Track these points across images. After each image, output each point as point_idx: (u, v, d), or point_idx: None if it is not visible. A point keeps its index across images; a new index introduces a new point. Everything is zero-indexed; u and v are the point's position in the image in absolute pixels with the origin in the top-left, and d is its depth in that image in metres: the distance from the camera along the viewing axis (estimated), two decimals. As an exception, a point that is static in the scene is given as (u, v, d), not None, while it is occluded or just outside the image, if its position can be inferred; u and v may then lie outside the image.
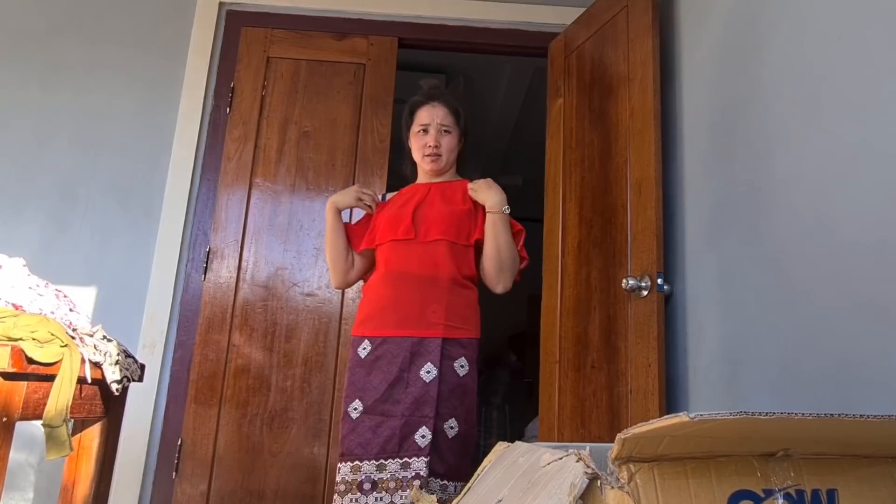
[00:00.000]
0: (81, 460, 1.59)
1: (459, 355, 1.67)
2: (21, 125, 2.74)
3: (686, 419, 0.70)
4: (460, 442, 1.61)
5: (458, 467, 1.60)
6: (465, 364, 1.67)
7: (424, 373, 1.63)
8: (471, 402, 1.66)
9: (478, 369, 1.72)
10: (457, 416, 1.62)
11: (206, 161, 2.75)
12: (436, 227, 1.77)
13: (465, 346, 1.69)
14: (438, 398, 1.60)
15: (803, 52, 1.54)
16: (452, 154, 1.91)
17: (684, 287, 2.04)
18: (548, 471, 0.88)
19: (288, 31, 2.89)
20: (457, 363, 1.66)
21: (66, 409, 1.28)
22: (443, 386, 1.62)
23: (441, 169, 1.91)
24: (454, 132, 1.90)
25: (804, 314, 1.46)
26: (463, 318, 1.72)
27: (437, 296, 1.70)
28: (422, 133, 1.88)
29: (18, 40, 2.82)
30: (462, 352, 1.68)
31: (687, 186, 2.10)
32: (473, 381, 1.68)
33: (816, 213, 1.44)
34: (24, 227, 2.64)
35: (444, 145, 1.88)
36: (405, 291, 1.72)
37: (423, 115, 1.89)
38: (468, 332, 1.72)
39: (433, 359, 1.63)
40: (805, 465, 0.86)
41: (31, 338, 1.26)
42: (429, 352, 1.65)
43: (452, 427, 1.61)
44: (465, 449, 1.63)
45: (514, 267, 1.78)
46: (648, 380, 1.95)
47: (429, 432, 1.56)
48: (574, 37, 2.70)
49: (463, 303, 1.73)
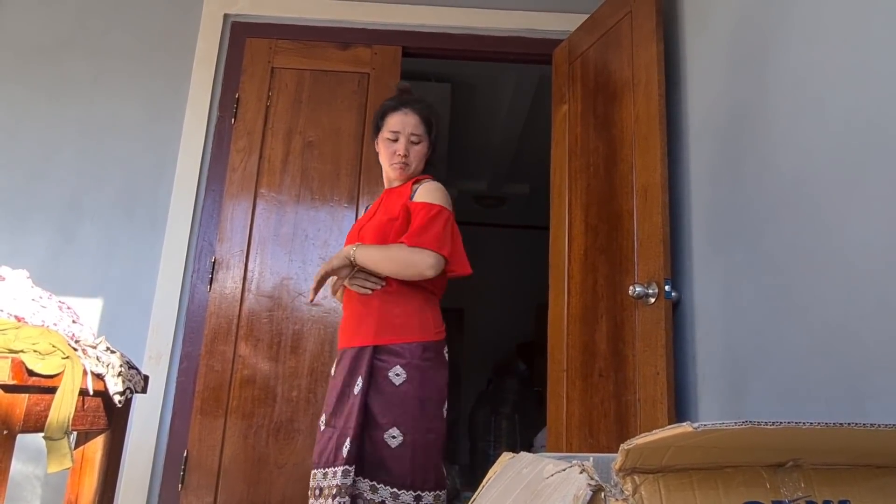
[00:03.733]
0: (85, 472, 1.58)
1: (394, 364, 1.65)
2: (28, 138, 2.76)
3: (690, 429, 0.69)
4: (409, 449, 1.59)
5: (409, 475, 1.58)
6: (400, 372, 1.64)
7: (356, 385, 1.66)
8: (415, 408, 1.62)
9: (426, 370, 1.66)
10: (399, 425, 1.60)
11: (211, 172, 2.75)
12: (367, 240, 1.79)
13: (400, 354, 1.66)
14: (375, 409, 1.62)
15: (809, 55, 1.53)
16: (421, 162, 1.90)
17: (692, 294, 2.02)
18: (551, 483, 0.86)
19: (292, 42, 2.90)
20: (391, 372, 1.64)
21: (67, 422, 1.28)
22: (377, 396, 1.63)
23: (408, 176, 1.90)
24: (424, 141, 1.89)
25: (814, 320, 1.43)
26: (396, 326, 1.69)
27: (369, 307, 1.73)
28: (391, 140, 1.88)
29: (26, 55, 2.85)
30: (396, 360, 1.65)
31: (693, 192, 2.08)
32: (418, 388, 1.64)
33: (825, 217, 1.42)
34: (31, 239, 2.65)
35: (412, 154, 1.87)
36: (349, 306, 1.79)
37: (393, 121, 1.89)
38: (403, 337, 1.67)
39: (363, 371, 1.65)
40: (816, 475, 0.84)
41: (33, 350, 1.26)
42: (362, 364, 1.67)
43: (395, 436, 1.60)
44: (419, 456, 1.60)
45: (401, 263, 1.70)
46: (657, 388, 1.93)
47: (349, 442, 1.59)
48: (578, 43, 2.70)
49: (398, 311, 1.71)
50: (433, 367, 1.68)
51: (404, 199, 1.82)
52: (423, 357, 1.66)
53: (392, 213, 1.80)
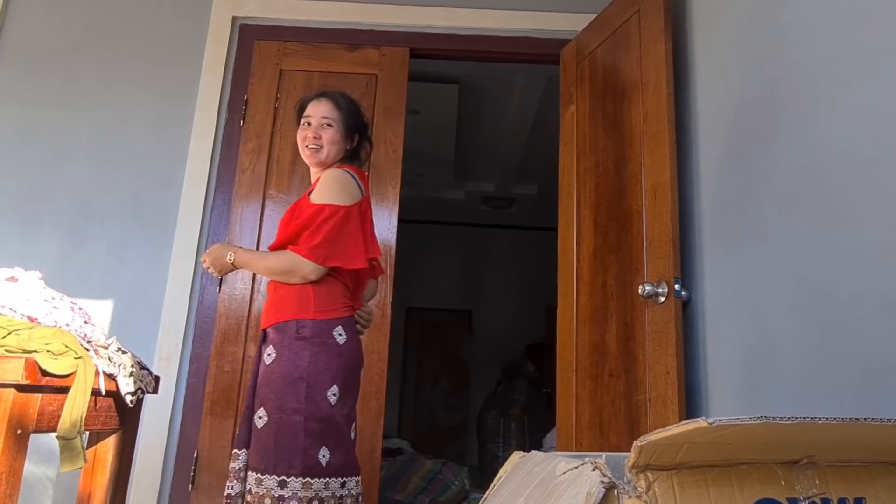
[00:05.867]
0: (97, 472, 1.59)
1: (268, 344, 1.67)
2: (39, 141, 2.78)
3: (705, 424, 0.68)
4: (273, 430, 1.56)
5: (272, 458, 1.54)
6: (271, 352, 1.64)
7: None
8: (281, 387, 1.58)
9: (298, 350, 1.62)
10: (265, 405, 1.59)
11: (221, 174, 2.76)
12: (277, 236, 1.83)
13: (275, 332, 1.66)
14: (252, 391, 1.66)
15: (819, 50, 1.52)
16: (334, 147, 1.86)
17: (702, 292, 2.01)
18: (563, 480, 0.86)
19: (300, 44, 2.91)
20: (265, 353, 1.66)
21: (80, 421, 1.28)
22: (256, 380, 1.67)
23: (322, 162, 1.87)
24: (336, 126, 1.87)
25: (826, 318, 1.42)
26: (278, 308, 1.69)
27: (268, 291, 1.78)
28: (305, 125, 1.89)
29: (37, 59, 2.87)
30: (271, 338, 1.67)
31: (703, 190, 2.07)
32: (286, 366, 1.60)
33: (837, 214, 1.41)
34: (42, 242, 2.66)
35: (324, 137, 1.85)
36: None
37: (308, 109, 1.91)
38: (280, 317, 1.67)
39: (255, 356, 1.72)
40: (831, 472, 0.83)
41: (46, 350, 1.27)
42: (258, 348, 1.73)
43: (261, 417, 1.60)
44: (283, 438, 1.55)
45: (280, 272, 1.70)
46: (667, 387, 1.92)
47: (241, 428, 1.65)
48: (586, 43, 2.69)
49: (282, 291, 1.71)
50: (308, 347, 1.62)
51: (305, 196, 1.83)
52: (296, 336, 1.63)
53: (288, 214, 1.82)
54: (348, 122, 1.90)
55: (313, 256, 1.67)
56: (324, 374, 1.62)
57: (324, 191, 1.75)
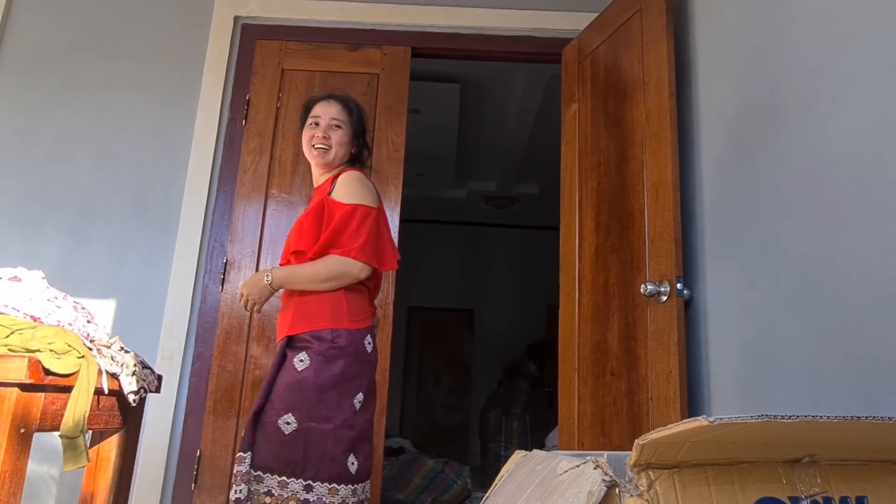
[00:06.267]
0: (100, 471, 1.59)
1: (301, 349, 1.65)
2: (42, 142, 2.78)
3: (706, 423, 0.68)
4: (303, 436, 1.57)
5: (300, 463, 1.56)
6: (304, 358, 1.63)
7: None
8: (313, 395, 1.60)
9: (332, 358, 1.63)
10: (295, 411, 1.59)
11: (223, 173, 2.77)
12: (290, 239, 1.81)
13: (308, 340, 1.65)
14: (276, 395, 1.62)
15: (822, 50, 1.52)
16: (342, 149, 1.87)
17: (704, 292, 2.01)
18: (565, 479, 0.86)
19: (302, 44, 2.92)
20: (296, 358, 1.64)
21: (83, 420, 1.29)
22: (281, 383, 1.63)
23: (329, 163, 1.87)
24: (345, 128, 1.88)
25: (828, 316, 1.42)
26: (309, 315, 1.68)
27: (290, 299, 1.75)
28: (312, 125, 1.89)
29: (39, 59, 2.87)
30: (303, 345, 1.65)
31: (705, 189, 2.07)
32: (320, 375, 1.61)
33: (839, 213, 1.41)
34: (45, 242, 2.67)
35: (333, 138, 1.85)
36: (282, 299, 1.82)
37: (316, 109, 1.91)
38: (313, 325, 1.66)
39: (276, 362, 1.68)
40: (832, 471, 0.83)
41: (49, 349, 1.27)
42: (278, 355, 1.69)
43: (289, 422, 1.58)
44: (313, 444, 1.58)
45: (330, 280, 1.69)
46: (669, 387, 1.92)
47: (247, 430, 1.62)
48: (588, 42, 2.69)
49: (313, 299, 1.70)
50: (342, 356, 1.64)
51: (323, 195, 1.79)
52: (331, 344, 1.64)
53: (310, 214, 1.77)
54: (357, 125, 1.91)
55: (363, 256, 1.68)
56: (353, 383, 1.65)
57: (352, 192, 1.74)
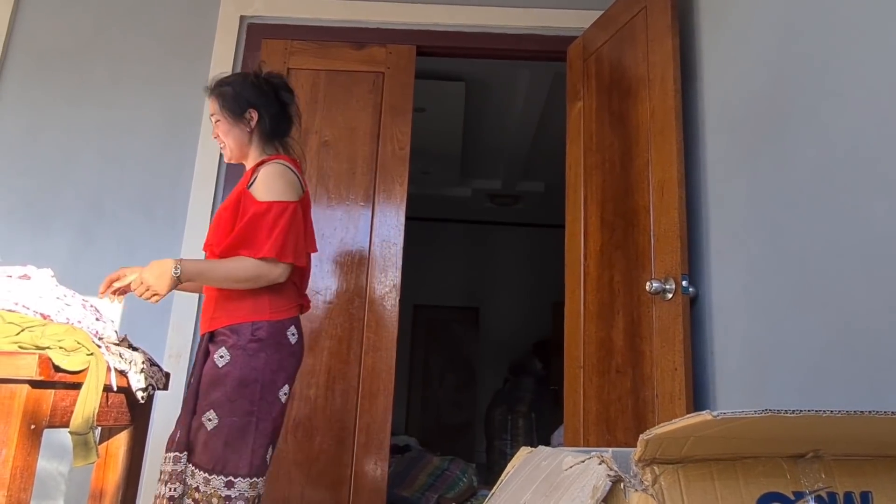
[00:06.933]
0: (109, 468, 1.61)
1: (220, 344, 1.60)
2: (50, 140, 2.80)
3: (710, 418, 0.69)
4: (224, 432, 1.54)
5: (220, 459, 1.53)
6: (224, 354, 1.58)
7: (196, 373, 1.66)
8: (234, 390, 1.56)
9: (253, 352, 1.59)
10: (217, 407, 1.55)
11: (229, 171, 2.78)
12: (209, 235, 1.76)
13: (227, 335, 1.60)
14: (200, 392, 1.59)
15: (828, 45, 1.52)
16: (231, 139, 1.80)
17: (710, 289, 2.01)
18: (570, 474, 0.87)
19: (307, 43, 2.92)
20: (216, 354, 1.59)
21: (92, 417, 1.30)
22: (205, 380, 1.59)
23: (233, 157, 1.83)
24: (221, 117, 1.79)
25: (834, 313, 1.42)
26: (229, 310, 1.63)
27: (211, 291, 1.70)
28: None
29: (47, 59, 2.89)
30: (223, 342, 1.60)
31: (710, 186, 2.07)
32: (240, 369, 1.57)
33: (846, 209, 1.41)
34: (53, 240, 2.69)
35: (220, 135, 1.81)
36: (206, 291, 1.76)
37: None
38: (233, 319, 1.62)
39: (199, 358, 1.65)
40: (837, 466, 0.84)
41: (59, 346, 1.28)
42: (201, 351, 1.66)
43: (210, 419, 1.55)
44: (234, 440, 1.55)
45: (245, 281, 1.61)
46: (675, 384, 1.92)
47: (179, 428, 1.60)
48: (592, 40, 2.69)
49: (234, 292, 1.64)
50: (264, 349, 1.60)
51: (243, 188, 1.71)
52: (251, 338, 1.59)
53: (228, 209, 1.70)
54: (230, 106, 1.79)
55: (282, 257, 1.61)
56: (277, 375, 1.62)
57: (268, 187, 1.66)
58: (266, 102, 1.82)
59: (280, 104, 1.85)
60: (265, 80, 1.84)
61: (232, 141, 1.80)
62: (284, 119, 1.86)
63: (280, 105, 1.85)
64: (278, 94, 1.85)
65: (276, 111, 1.83)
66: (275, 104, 1.83)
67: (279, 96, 1.85)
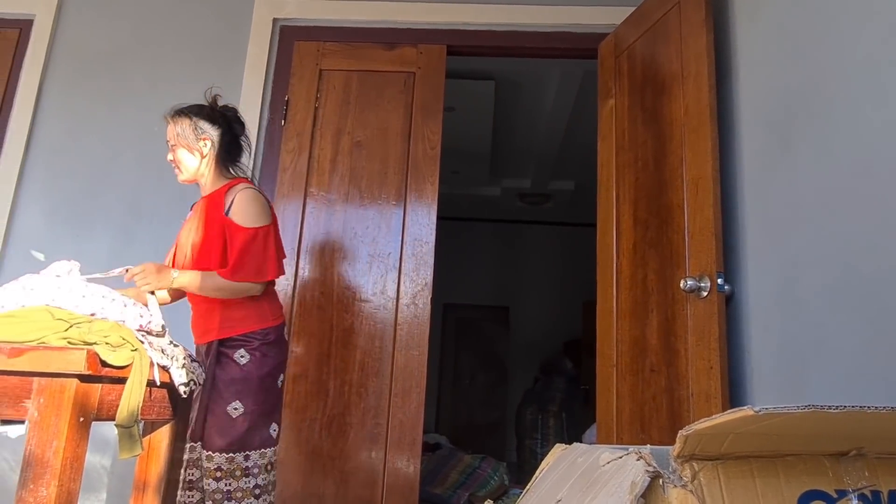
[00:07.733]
0: (151, 460, 1.66)
1: (238, 347, 1.86)
2: (90, 143, 2.88)
3: (751, 413, 0.68)
4: (249, 418, 1.82)
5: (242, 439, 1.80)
6: (244, 354, 1.86)
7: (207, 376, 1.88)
8: (256, 384, 1.85)
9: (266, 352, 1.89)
10: (241, 399, 1.82)
11: (263, 172, 2.83)
12: (193, 260, 1.92)
13: (243, 341, 1.87)
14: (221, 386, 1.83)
15: (866, 39, 1.49)
16: (185, 164, 1.98)
17: (746, 287, 1.98)
18: (607, 470, 0.87)
19: (339, 44, 2.96)
20: (236, 354, 1.86)
21: (137, 411, 1.34)
22: (223, 376, 1.84)
23: (189, 180, 2.01)
24: (178, 144, 1.98)
25: (875, 310, 1.40)
26: (237, 319, 1.88)
27: (212, 304, 1.91)
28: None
29: (88, 64, 2.98)
30: (240, 345, 1.87)
31: (746, 183, 2.04)
32: (259, 367, 1.86)
33: (886, 205, 1.38)
34: (95, 240, 2.77)
35: (176, 160, 1.99)
36: (196, 302, 1.97)
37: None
38: (245, 328, 1.88)
39: (211, 362, 1.86)
40: (880, 465, 0.82)
41: (105, 342, 1.32)
42: (210, 356, 1.87)
43: (237, 408, 1.81)
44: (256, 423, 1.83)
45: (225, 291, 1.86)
46: (710, 382, 1.90)
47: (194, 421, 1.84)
48: (624, 37, 2.67)
49: (237, 305, 1.89)
50: (272, 349, 1.91)
51: (220, 213, 1.90)
52: (264, 341, 1.89)
53: (212, 231, 1.90)
54: (186, 133, 1.98)
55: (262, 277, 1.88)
56: (280, 367, 1.94)
57: (249, 214, 1.88)
58: (220, 132, 2.01)
59: (232, 134, 2.04)
60: (220, 113, 2.03)
61: (188, 166, 1.99)
62: (236, 146, 2.06)
63: (232, 135, 2.04)
64: (231, 126, 2.04)
65: (229, 139, 2.03)
66: (228, 133, 2.02)
67: (231, 128, 2.04)
